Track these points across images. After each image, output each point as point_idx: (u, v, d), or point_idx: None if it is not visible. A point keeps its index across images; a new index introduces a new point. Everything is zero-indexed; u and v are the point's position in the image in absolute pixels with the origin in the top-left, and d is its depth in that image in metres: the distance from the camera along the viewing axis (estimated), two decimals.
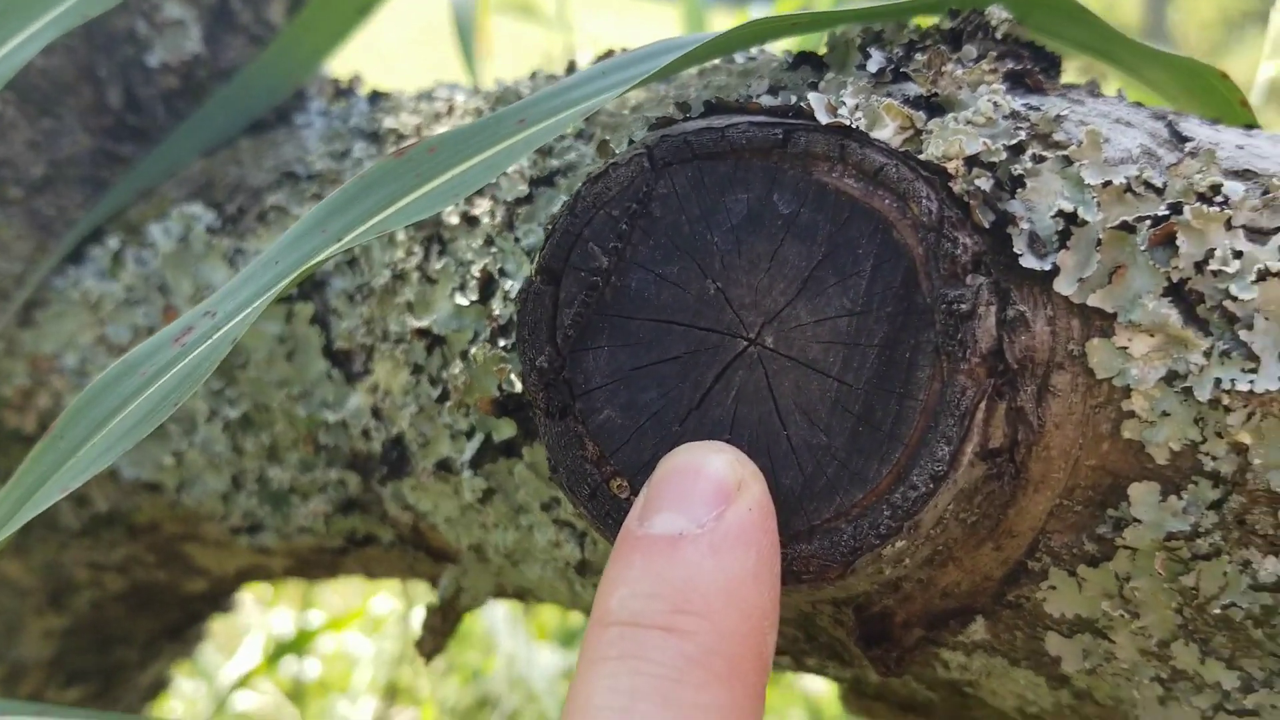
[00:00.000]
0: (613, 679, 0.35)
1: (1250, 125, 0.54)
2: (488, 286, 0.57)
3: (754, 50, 0.56)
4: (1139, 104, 0.50)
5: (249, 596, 1.99)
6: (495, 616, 1.78)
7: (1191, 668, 0.45)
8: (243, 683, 1.67)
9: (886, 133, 0.43)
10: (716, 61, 0.55)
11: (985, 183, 0.42)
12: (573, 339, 0.44)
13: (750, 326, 0.42)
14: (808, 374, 0.42)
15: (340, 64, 0.91)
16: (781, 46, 0.58)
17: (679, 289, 0.43)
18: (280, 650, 1.70)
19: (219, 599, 0.98)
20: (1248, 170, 0.44)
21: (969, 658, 0.50)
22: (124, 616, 0.94)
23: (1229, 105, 0.54)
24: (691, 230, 0.43)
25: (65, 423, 0.46)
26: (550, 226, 0.45)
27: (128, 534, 0.83)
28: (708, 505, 0.38)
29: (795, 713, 1.70)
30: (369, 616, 1.86)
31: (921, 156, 0.43)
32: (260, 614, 1.93)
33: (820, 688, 1.65)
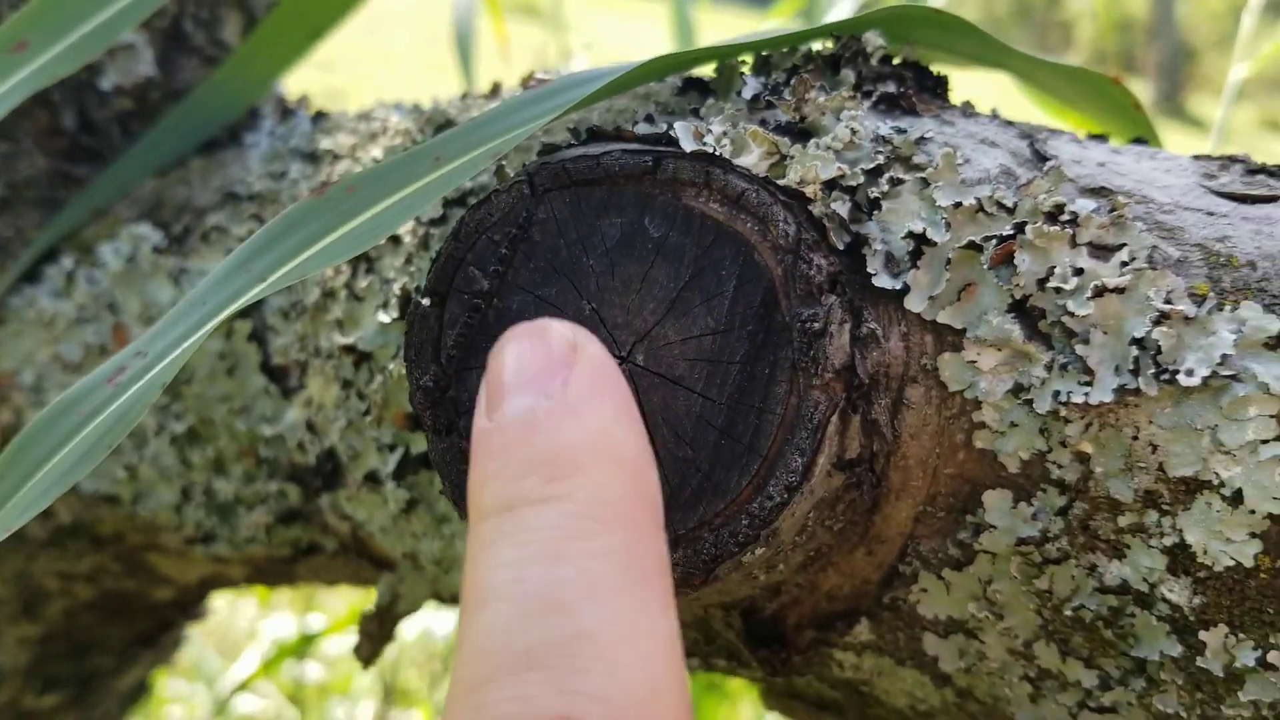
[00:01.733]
0: (498, 556, 0.33)
1: (1140, 138, 0.56)
2: (407, 304, 0.59)
3: None
4: (1010, 123, 0.52)
5: (250, 601, 2.01)
6: None
7: (1055, 666, 0.47)
8: (244, 686, 1.69)
9: (751, 158, 0.45)
10: None
11: (842, 206, 0.44)
12: (456, 359, 0.46)
13: (623, 345, 0.44)
14: (675, 390, 0.44)
15: (348, 68, 0.93)
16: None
17: (557, 310, 0.45)
18: (281, 653, 1.72)
19: (188, 606, 1.00)
20: (1103, 188, 0.46)
21: (859, 658, 0.52)
22: (97, 624, 0.96)
23: (1124, 110, 0.56)
24: (569, 254, 0.45)
25: (5, 463, 0.47)
26: (437, 251, 0.47)
27: (92, 544, 0.85)
28: (550, 375, 0.36)
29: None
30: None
31: (782, 181, 0.45)
32: (261, 618, 1.95)
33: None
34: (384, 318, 0.60)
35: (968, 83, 0.59)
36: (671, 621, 0.32)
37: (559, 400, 0.35)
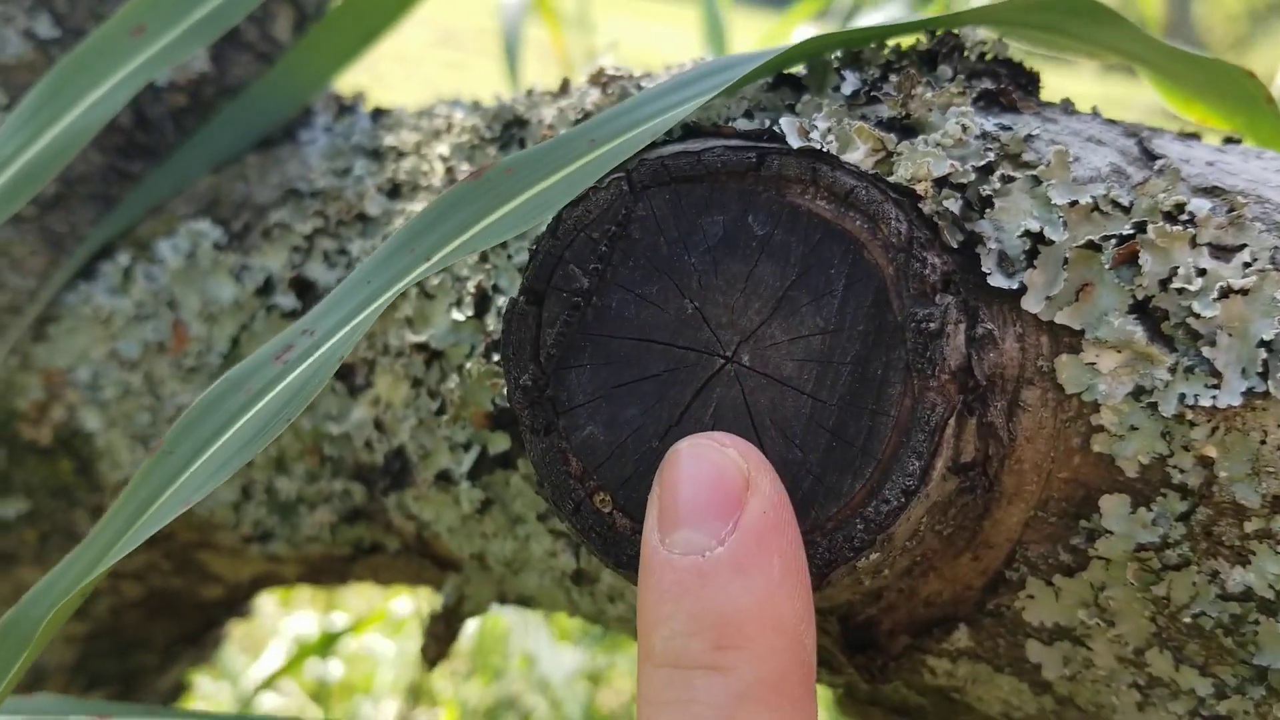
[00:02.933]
0: None
1: (1233, 137, 0.55)
2: (482, 302, 0.58)
3: None
4: (1113, 121, 0.51)
5: (272, 599, 2.01)
6: (516, 618, 1.80)
7: (1167, 675, 0.46)
8: (267, 684, 1.69)
9: (858, 155, 0.44)
10: None
11: (954, 204, 0.43)
12: (555, 358, 0.45)
13: (727, 345, 0.43)
14: (783, 391, 0.43)
15: (363, 68, 0.92)
16: None
17: (658, 308, 0.44)
18: (304, 652, 1.72)
19: (235, 605, 1.00)
20: (1216, 187, 0.45)
21: (954, 665, 0.51)
22: (142, 622, 0.96)
23: (1256, 102, 0.55)
24: (669, 251, 0.44)
25: (174, 438, 0.47)
26: (534, 248, 0.46)
27: (144, 542, 0.84)
28: (722, 514, 0.39)
29: None
30: (391, 618, 1.87)
31: (891, 179, 0.44)
32: (284, 616, 1.95)
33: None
34: (457, 315, 0.60)
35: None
36: None
37: (728, 549, 0.38)
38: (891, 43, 0.52)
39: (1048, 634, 0.47)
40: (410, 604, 1.88)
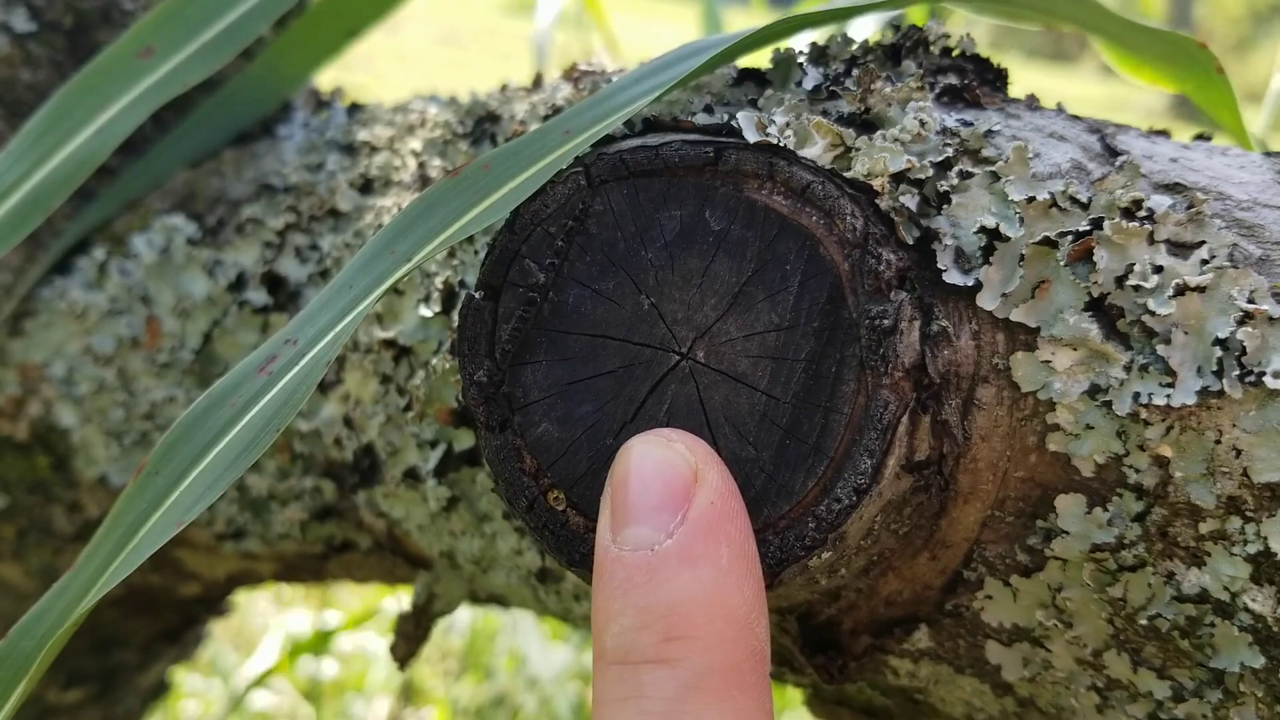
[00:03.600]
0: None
1: (1203, 135, 0.54)
2: (449, 298, 0.58)
3: None
4: (1077, 117, 0.50)
5: (266, 596, 2.01)
6: (507, 617, 1.80)
7: (1125, 677, 0.45)
8: (259, 682, 1.69)
9: (816, 150, 0.44)
10: None
11: (911, 200, 0.43)
12: (511, 354, 0.44)
13: (683, 341, 0.43)
14: (737, 388, 0.42)
15: (363, 67, 0.92)
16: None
17: (614, 304, 0.44)
18: (297, 650, 1.72)
19: (213, 602, 0.99)
20: (1178, 184, 0.44)
21: (916, 665, 0.51)
22: (121, 619, 0.96)
23: (1206, 70, 0.55)
24: (626, 246, 0.44)
25: (158, 459, 0.46)
26: (491, 243, 0.46)
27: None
28: (670, 508, 0.39)
29: None
30: (384, 616, 1.87)
31: (848, 174, 0.43)
32: (277, 614, 1.95)
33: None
34: (425, 312, 0.59)
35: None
36: None
37: (675, 541, 0.38)
38: (859, 38, 0.52)
39: (1007, 635, 0.47)
40: (402, 603, 1.88)
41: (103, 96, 0.64)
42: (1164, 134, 0.52)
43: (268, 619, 1.96)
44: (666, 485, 0.39)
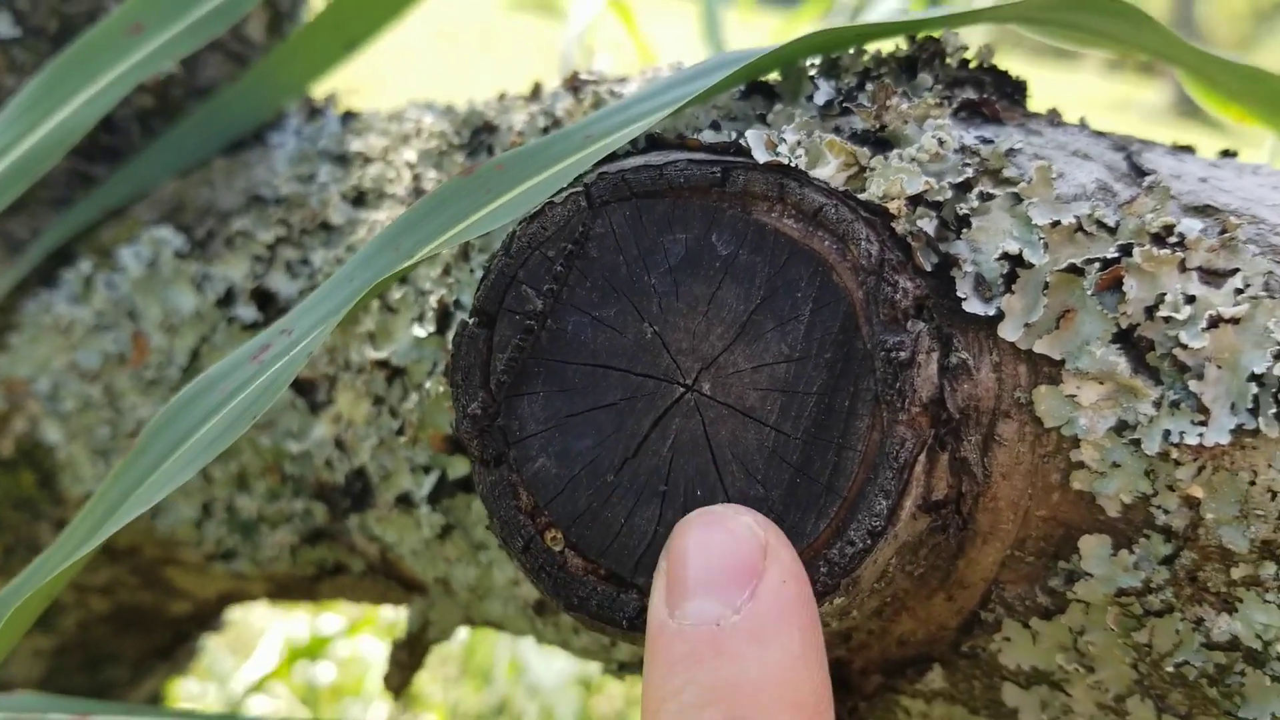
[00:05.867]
0: None
1: (1229, 150, 0.52)
2: (444, 318, 0.56)
3: None
4: (1101, 133, 0.48)
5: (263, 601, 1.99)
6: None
7: None
8: (257, 687, 1.67)
9: (828, 170, 0.42)
10: None
11: (929, 223, 0.41)
12: (506, 385, 0.42)
13: (687, 372, 0.41)
14: (745, 423, 0.40)
15: (362, 65, 0.90)
16: None
17: (615, 333, 0.42)
18: (294, 654, 1.70)
19: (205, 620, 0.97)
20: (1208, 206, 0.42)
21: (929, 705, 0.49)
22: (111, 636, 0.94)
23: None
24: (629, 271, 0.42)
25: (147, 439, 0.47)
26: (486, 267, 0.43)
27: (109, 557, 0.82)
28: (738, 584, 0.36)
29: None
30: (383, 622, 1.85)
31: (863, 196, 0.41)
32: (274, 619, 1.93)
33: None
34: (419, 331, 0.57)
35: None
36: None
37: (745, 618, 0.35)
38: (872, 48, 0.50)
39: (1025, 677, 0.45)
40: (402, 609, 1.86)
41: (92, 69, 0.64)
42: (1189, 150, 0.50)
43: (265, 624, 1.94)
44: (735, 559, 0.37)
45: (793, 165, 0.41)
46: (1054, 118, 0.49)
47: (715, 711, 0.34)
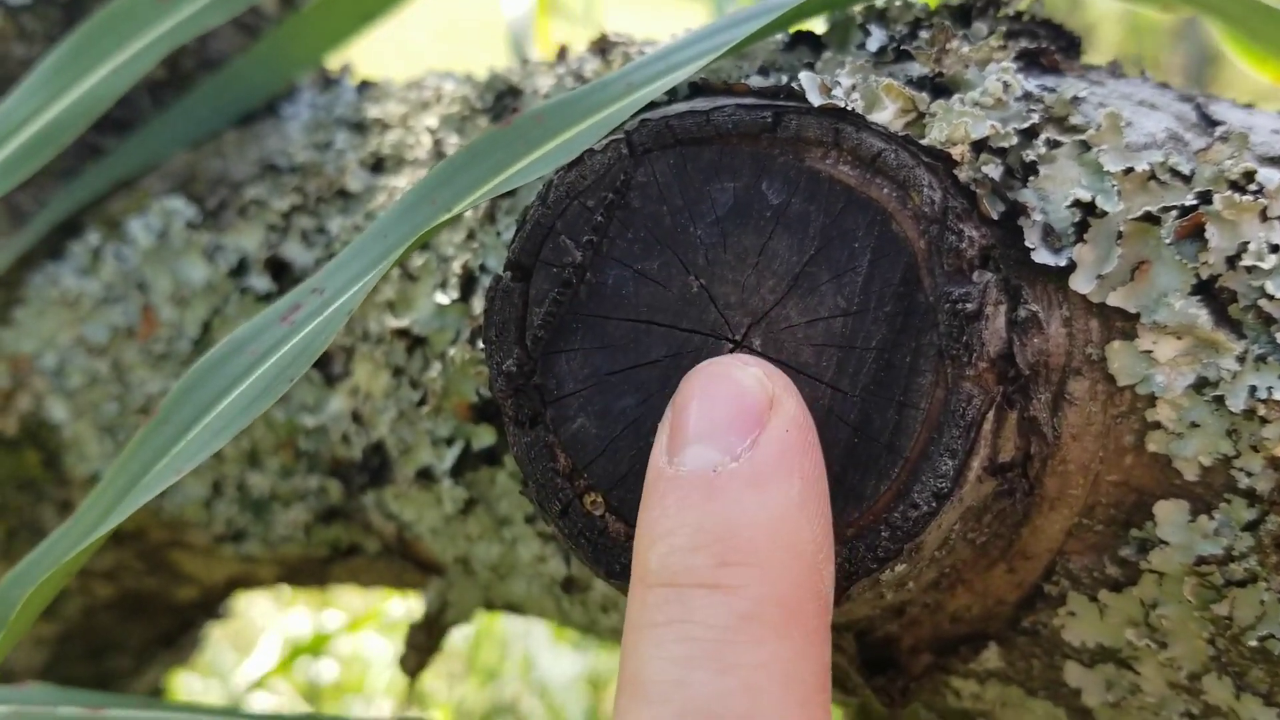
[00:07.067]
0: (662, 647, 0.32)
1: None
2: (468, 284, 0.54)
3: None
4: (1165, 85, 0.46)
5: (265, 595, 1.97)
6: (513, 618, 1.76)
7: (1225, 703, 0.41)
8: (258, 684, 1.65)
9: (885, 115, 0.40)
10: None
11: (994, 170, 0.38)
12: (544, 340, 0.40)
13: (736, 328, 0.39)
14: (799, 380, 0.38)
15: (367, 61, 0.87)
16: None
17: (659, 286, 0.39)
18: (296, 651, 1.68)
19: (211, 606, 0.95)
20: None
21: (982, 686, 0.46)
22: (115, 624, 0.91)
23: None
24: (673, 222, 0.39)
25: (170, 405, 0.45)
26: (521, 219, 0.41)
27: (113, 540, 0.79)
28: (740, 431, 0.34)
29: None
30: (386, 618, 1.83)
31: (924, 141, 0.39)
32: (277, 615, 1.91)
33: None
34: (442, 299, 0.55)
35: None
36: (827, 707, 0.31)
37: (744, 464, 0.34)
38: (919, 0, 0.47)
39: (1089, 655, 0.42)
40: (407, 604, 1.84)
41: (120, 37, 0.63)
42: (1251, 105, 0.48)
43: (267, 620, 1.91)
44: (737, 407, 0.35)
45: (849, 109, 0.39)
46: (1115, 69, 0.46)
47: (707, 555, 0.33)
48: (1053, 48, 0.45)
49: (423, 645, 0.64)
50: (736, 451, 0.34)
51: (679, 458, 0.34)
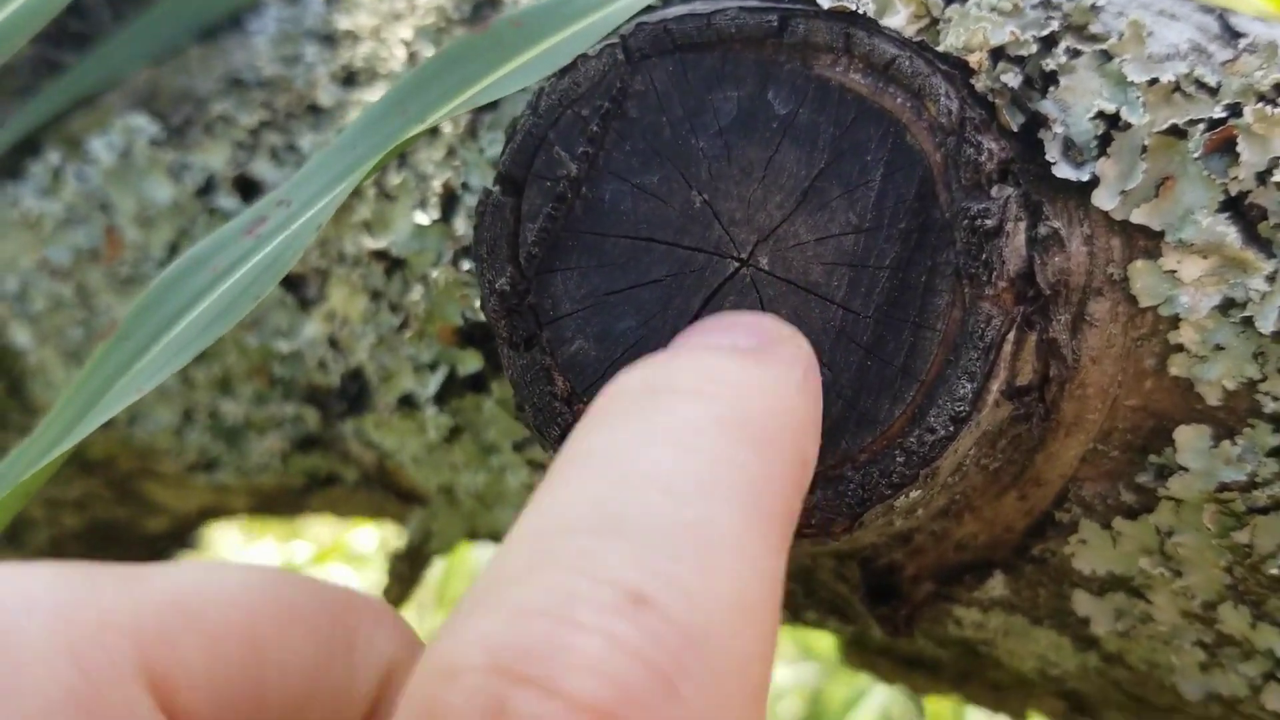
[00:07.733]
0: (616, 429, 0.28)
1: None
2: (450, 203, 0.52)
3: None
4: None
5: (233, 528, 1.95)
6: (483, 549, 1.75)
7: (1240, 632, 0.40)
8: None
9: (898, 20, 0.38)
10: None
11: (1013, 79, 0.37)
12: (538, 258, 0.38)
13: (742, 245, 0.37)
14: (808, 300, 0.36)
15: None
16: None
17: (659, 202, 0.37)
18: None
19: (183, 537, 0.93)
20: None
21: (985, 615, 0.45)
22: (84, 555, 0.89)
23: None
24: (673, 133, 0.37)
25: (130, 322, 0.43)
26: (511, 129, 0.39)
27: (82, 469, 0.78)
28: (748, 336, 0.32)
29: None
30: (352, 550, 1.82)
31: (939, 48, 0.37)
32: (244, 547, 1.89)
33: None
34: (421, 219, 0.53)
35: None
36: (781, 566, 0.27)
37: (744, 349, 0.31)
38: None
39: (1099, 584, 0.41)
40: (375, 535, 1.82)
41: None
42: (1272, 20, 0.46)
43: (235, 552, 1.90)
44: (746, 323, 0.33)
45: (860, 13, 0.37)
46: None
47: (691, 375, 0.30)
48: None
49: (406, 576, 0.62)
50: (740, 345, 0.32)
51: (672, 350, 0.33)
